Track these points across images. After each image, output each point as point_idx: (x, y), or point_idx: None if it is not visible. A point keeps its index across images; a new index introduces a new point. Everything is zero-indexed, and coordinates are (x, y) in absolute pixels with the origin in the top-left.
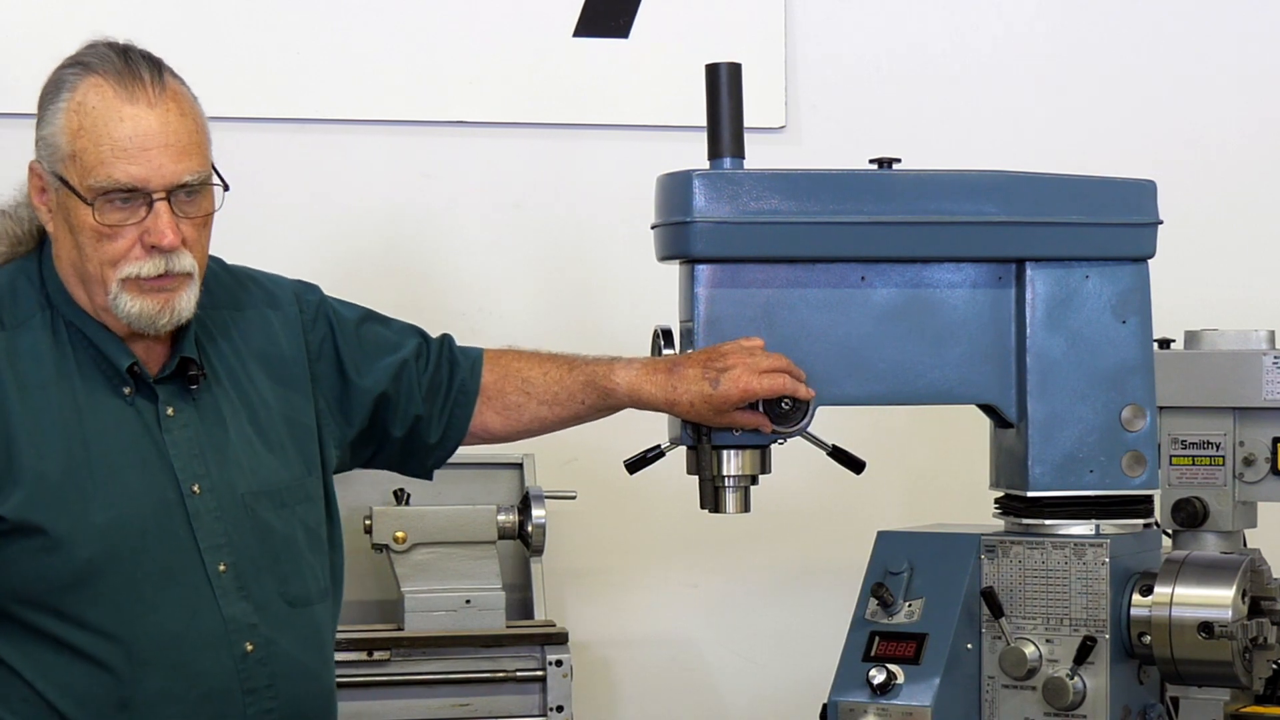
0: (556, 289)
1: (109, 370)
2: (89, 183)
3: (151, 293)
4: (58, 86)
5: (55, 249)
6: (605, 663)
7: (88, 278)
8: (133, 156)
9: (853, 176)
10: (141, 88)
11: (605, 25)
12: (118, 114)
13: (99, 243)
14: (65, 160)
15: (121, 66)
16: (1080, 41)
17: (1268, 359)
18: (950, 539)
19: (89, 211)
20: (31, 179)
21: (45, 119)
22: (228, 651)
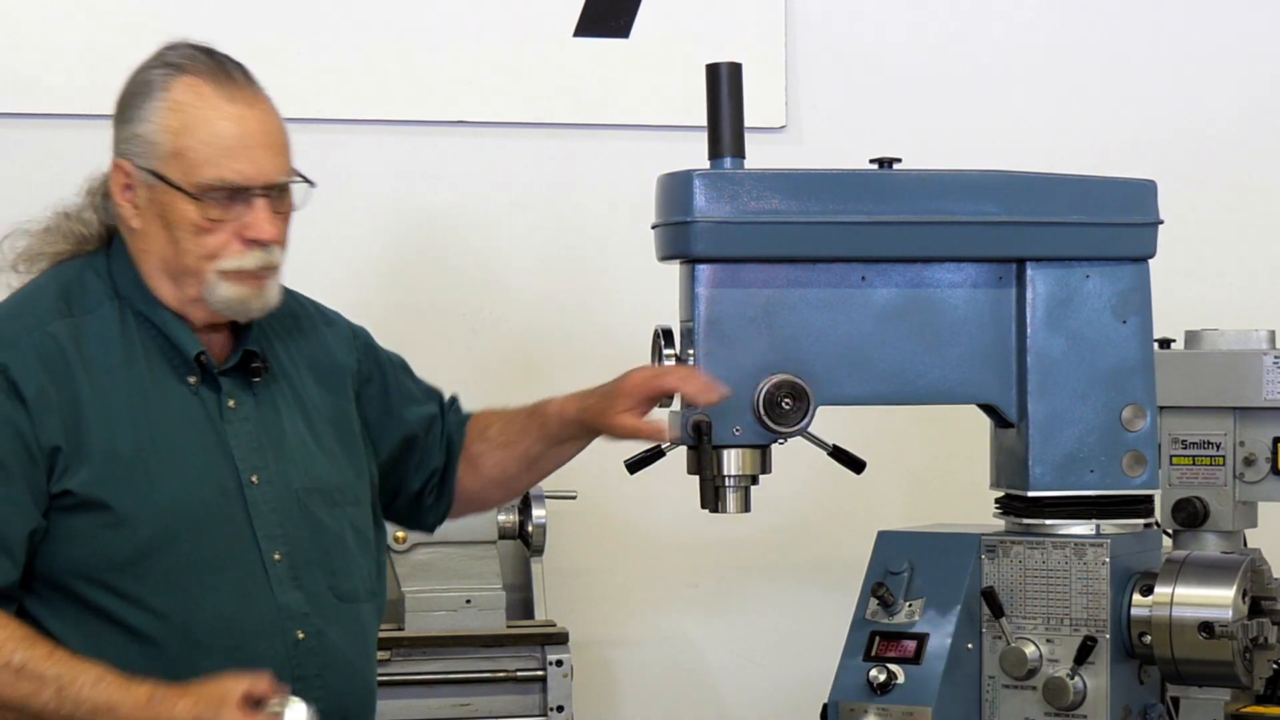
0: (556, 289)
1: (175, 360)
2: (196, 180)
3: (245, 281)
4: (148, 86)
5: (140, 243)
6: (605, 663)
7: (181, 270)
8: (238, 155)
9: (853, 176)
10: (237, 87)
11: (605, 25)
12: (221, 113)
13: (198, 237)
14: (166, 158)
15: (213, 66)
16: (1081, 41)
17: (1268, 359)
18: (950, 539)
19: (193, 207)
20: (115, 175)
21: (137, 118)
22: (280, 638)
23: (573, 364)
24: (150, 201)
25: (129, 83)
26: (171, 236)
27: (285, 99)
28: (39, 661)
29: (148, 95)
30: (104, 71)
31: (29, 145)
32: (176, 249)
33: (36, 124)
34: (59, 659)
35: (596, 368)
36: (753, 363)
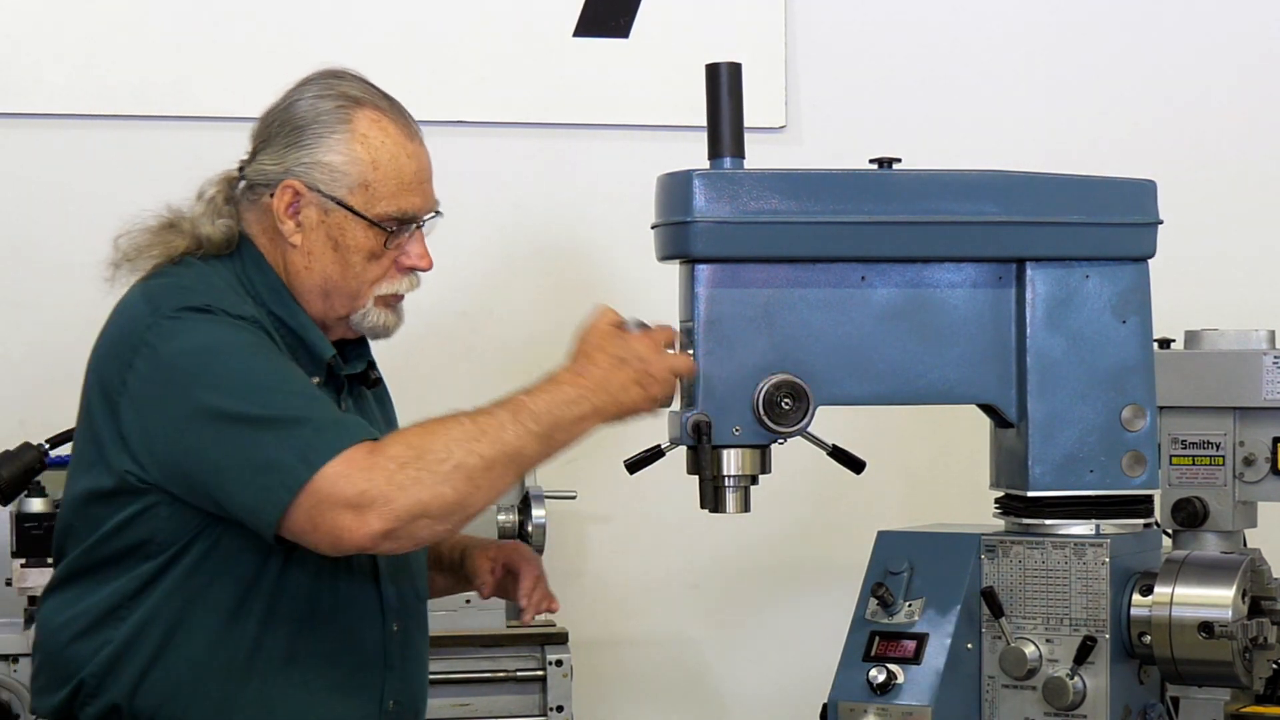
0: (556, 289)
1: (304, 360)
2: (380, 210)
3: (391, 307)
4: (328, 116)
5: (304, 262)
6: (605, 663)
7: (342, 291)
8: (414, 190)
9: (853, 176)
10: (410, 124)
11: (605, 25)
12: (406, 151)
13: (368, 263)
14: (354, 188)
15: (387, 103)
16: (1081, 41)
17: (1268, 359)
18: (950, 539)
19: (374, 235)
20: (283, 194)
21: (316, 144)
22: (381, 627)
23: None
24: (322, 224)
25: (293, 109)
26: (342, 259)
27: None
28: (475, 414)
29: (331, 126)
30: (104, 71)
31: (29, 145)
32: (345, 271)
33: (36, 124)
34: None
35: None
36: (752, 363)
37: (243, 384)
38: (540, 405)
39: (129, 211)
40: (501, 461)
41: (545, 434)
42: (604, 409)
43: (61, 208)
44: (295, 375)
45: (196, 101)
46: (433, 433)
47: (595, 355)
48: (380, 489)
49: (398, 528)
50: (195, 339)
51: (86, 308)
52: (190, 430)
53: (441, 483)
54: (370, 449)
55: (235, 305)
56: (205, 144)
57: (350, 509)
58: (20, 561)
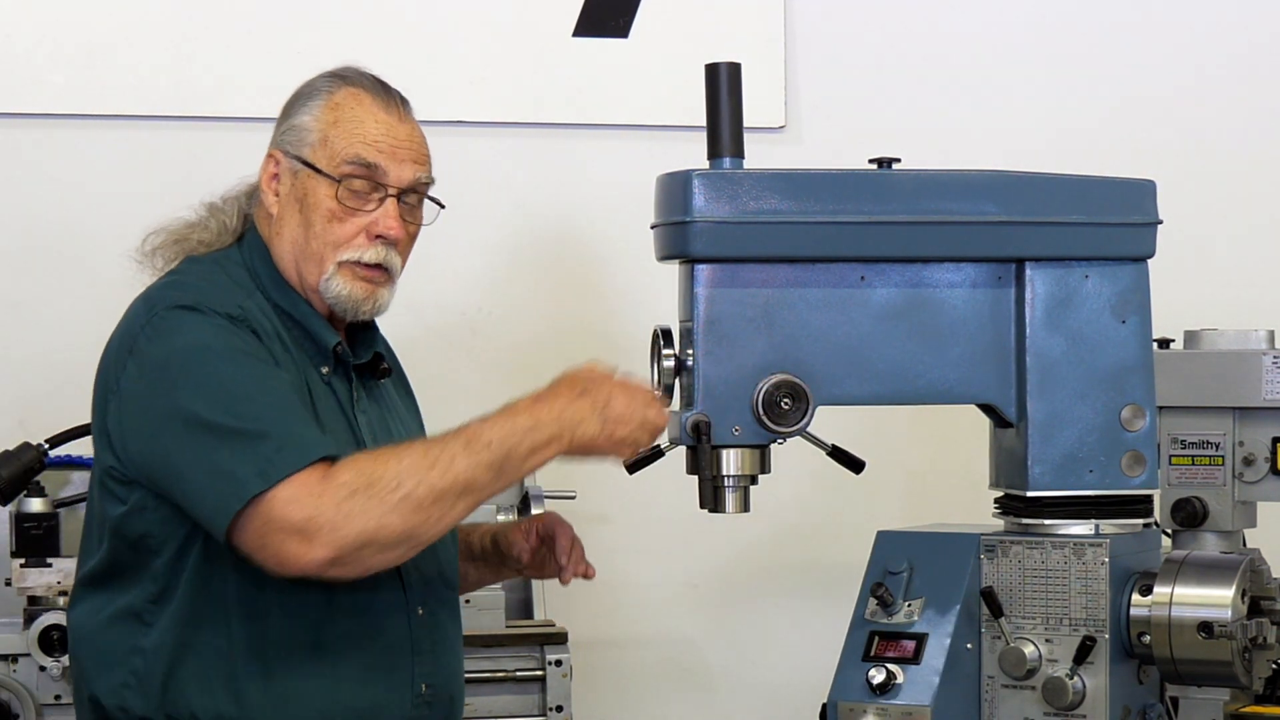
0: (556, 289)
1: (310, 350)
2: (336, 161)
3: (362, 280)
4: (312, 90)
5: (277, 229)
6: (605, 663)
7: (307, 255)
8: (380, 148)
9: (852, 176)
10: (395, 104)
11: (605, 25)
12: (373, 115)
13: (329, 223)
14: (314, 145)
15: (378, 85)
16: (1080, 42)
17: (1267, 359)
18: (950, 539)
19: (331, 190)
20: (266, 164)
21: (295, 113)
22: (404, 611)
23: (572, 364)
24: (293, 188)
25: (296, 91)
26: (305, 220)
27: (284, 99)
28: (428, 442)
29: (310, 97)
30: (104, 71)
31: (29, 145)
32: (308, 232)
33: (37, 124)
34: (439, 436)
35: None
36: (752, 363)
37: (216, 390)
38: (494, 434)
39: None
40: (452, 492)
41: (498, 464)
42: (560, 438)
43: (61, 208)
44: (270, 384)
45: (196, 101)
46: (385, 461)
47: (560, 388)
48: (327, 516)
49: (343, 555)
50: (179, 340)
51: (86, 308)
52: (163, 431)
53: (389, 512)
54: (323, 474)
55: (227, 301)
56: (205, 144)
57: (297, 535)
58: (20, 561)
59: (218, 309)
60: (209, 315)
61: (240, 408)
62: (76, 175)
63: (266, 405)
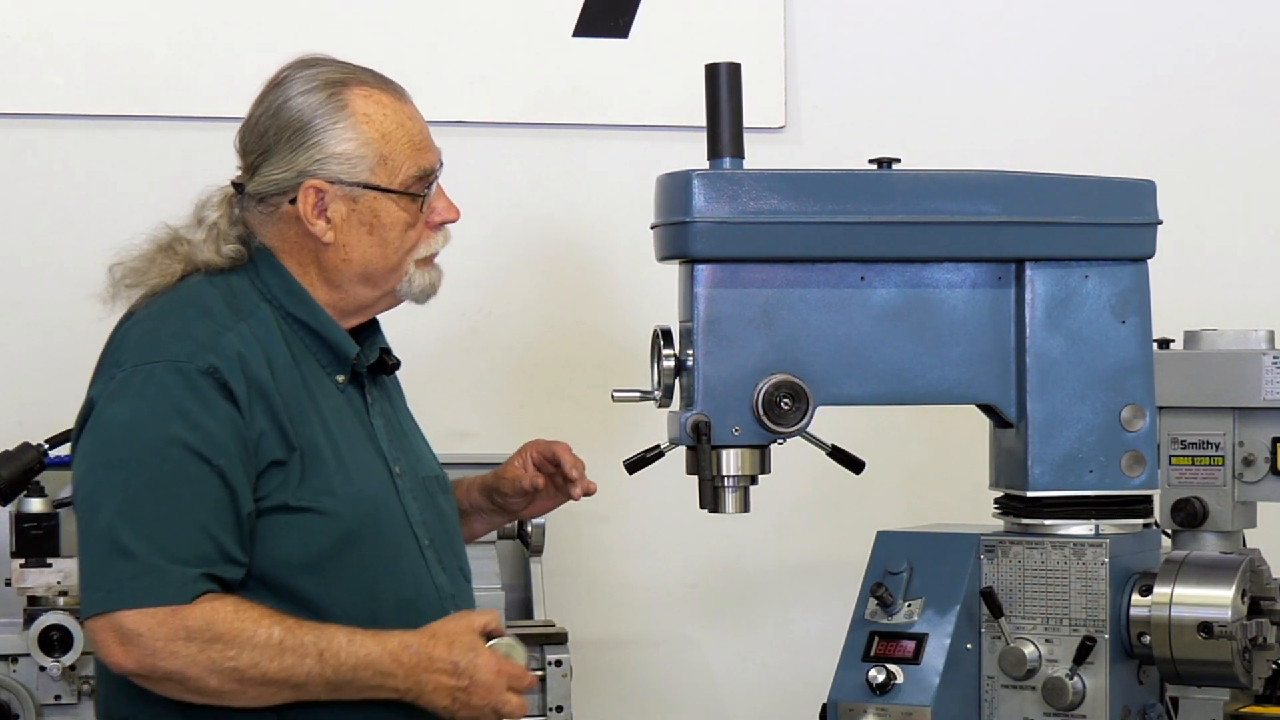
0: (556, 289)
1: (325, 360)
2: (401, 178)
3: (430, 266)
4: (326, 108)
5: (335, 256)
6: (605, 663)
7: (385, 270)
8: (426, 146)
9: (852, 176)
10: (398, 89)
11: (605, 25)
12: (404, 114)
13: (405, 233)
14: (374, 167)
15: (369, 75)
16: (1080, 41)
17: (1267, 359)
18: (950, 539)
19: (406, 205)
20: (306, 198)
21: (329, 140)
22: (440, 617)
23: (572, 364)
24: (353, 213)
25: (282, 112)
26: (379, 239)
27: None
28: (294, 631)
29: (330, 116)
30: (104, 71)
31: (29, 145)
32: (384, 250)
33: (37, 124)
34: (309, 627)
35: (596, 368)
36: (752, 363)
37: (125, 493)
38: (350, 659)
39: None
40: (280, 686)
41: (336, 684)
42: (404, 694)
43: (61, 208)
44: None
45: (196, 101)
46: (241, 627)
47: (439, 647)
48: (154, 644)
49: (147, 678)
50: (122, 412)
51: (86, 308)
52: (82, 490)
53: (212, 673)
54: (173, 610)
55: (204, 347)
56: (205, 144)
57: (119, 638)
58: (20, 561)
59: (185, 364)
60: (169, 375)
61: (134, 514)
62: (76, 175)
63: (157, 523)
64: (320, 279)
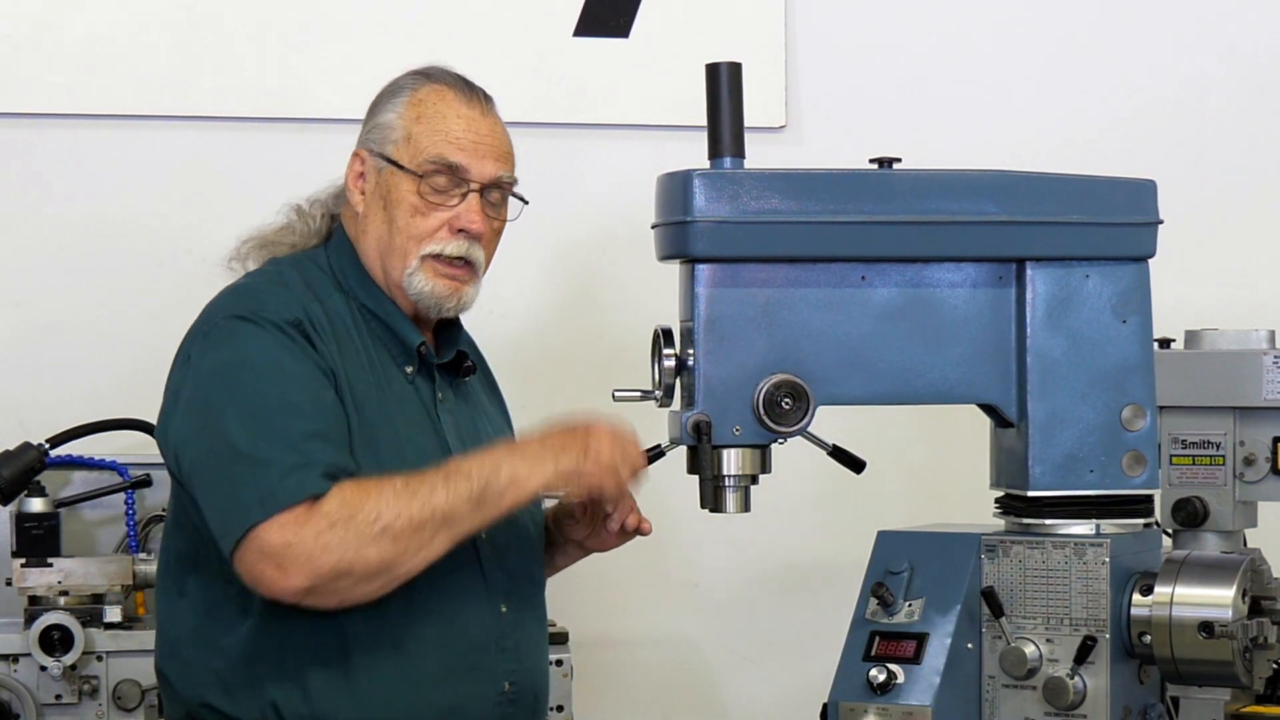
0: (556, 288)
1: (395, 350)
2: (419, 159)
3: (444, 276)
4: (397, 89)
5: (363, 227)
6: (605, 663)
7: (391, 250)
8: (463, 146)
9: (853, 176)
10: (478, 100)
11: (605, 25)
12: (455, 111)
13: (411, 217)
14: (398, 141)
15: (462, 82)
16: (1080, 41)
17: (1268, 359)
18: (950, 539)
19: (414, 185)
20: (353, 163)
21: (380, 111)
22: (488, 609)
23: (572, 364)
24: (377, 185)
25: (380, 91)
26: (389, 216)
27: (286, 99)
28: (410, 476)
29: (394, 95)
30: (104, 71)
31: (29, 145)
32: (391, 228)
33: (36, 124)
34: (422, 472)
35: (596, 368)
36: (753, 362)
37: (243, 413)
38: (474, 466)
39: (128, 211)
40: (431, 524)
41: (478, 495)
42: (538, 466)
43: (61, 208)
44: (297, 404)
45: (196, 101)
46: (367, 492)
47: (548, 427)
48: (305, 546)
49: (319, 585)
50: (225, 353)
51: (86, 308)
52: (196, 441)
53: (368, 545)
54: (310, 506)
55: (286, 308)
56: (205, 144)
57: (274, 562)
58: (20, 561)
59: (271, 317)
60: (260, 325)
61: (261, 431)
62: (77, 175)
63: (284, 428)
64: (361, 256)
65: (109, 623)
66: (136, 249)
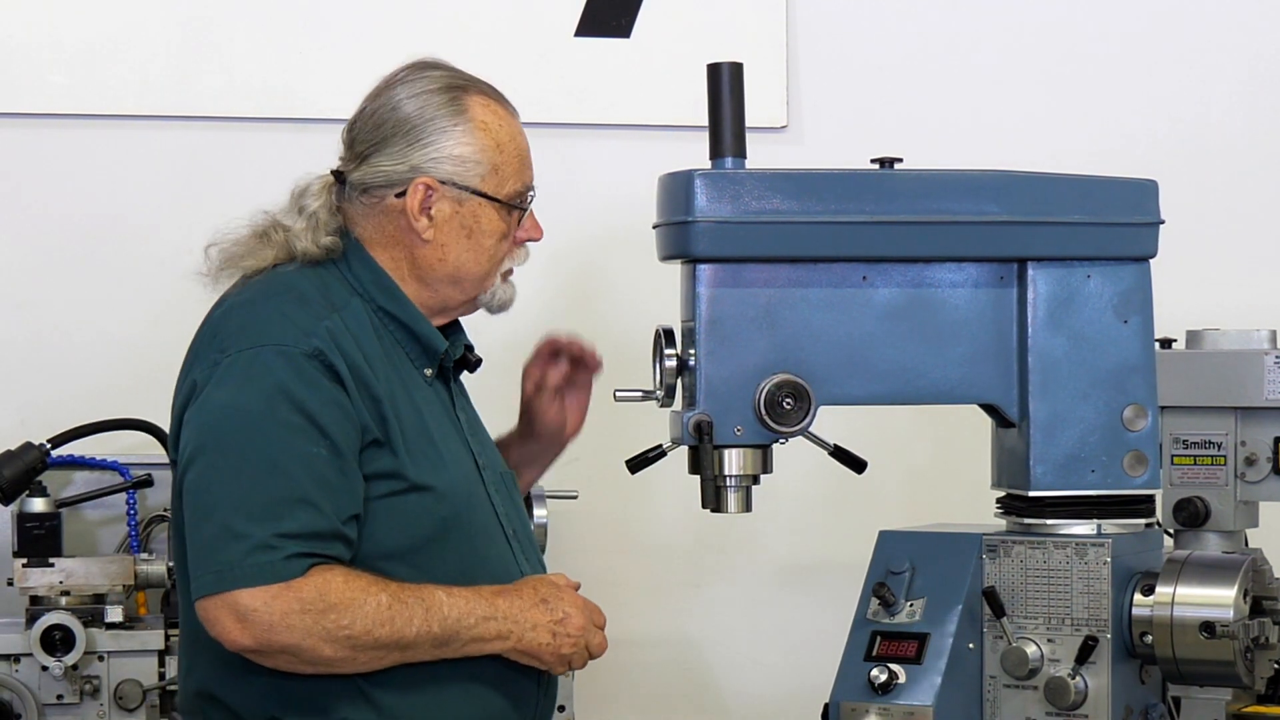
0: (557, 289)
1: (414, 353)
2: (508, 190)
3: (508, 281)
4: (447, 110)
5: (433, 254)
6: (605, 663)
7: (474, 276)
8: (529, 164)
9: (854, 176)
10: (508, 104)
11: (606, 25)
12: (516, 130)
13: (499, 243)
14: (486, 174)
15: (487, 86)
16: (1081, 41)
17: (1269, 358)
18: (952, 539)
19: (505, 216)
20: (416, 192)
21: (447, 140)
22: None
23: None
24: (455, 215)
25: (404, 106)
26: (476, 244)
27: (286, 99)
28: (399, 595)
29: (451, 118)
30: (104, 71)
31: (30, 145)
32: (478, 256)
33: (36, 124)
34: (411, 588)
35: None
36: (754, 363)
37: (234, 470)
38: (452, 612)
39: (129, 211)
40: (391, 649)
41: (443, 639)
42: (507, 637)
43: (61, 207)
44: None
45: (197, 101)
46: (351, 595)
47: (525, 590)
48: (271, 619)
49: (266, 652)
50: (229, 394)
51: (86, 307)
52: (188, 476)
53: (326, 643)
54: (286, 585)
55: (308, 329)
56: (206, 144)
57: (236, 617)
58: (22, 561)
59: (291, 348)
60: (276, 356)
61: (245, 496)
62: (77, 175)
63: (267, 502)
64: (412, 275)
65: (110, 623)
66: (137, 249)
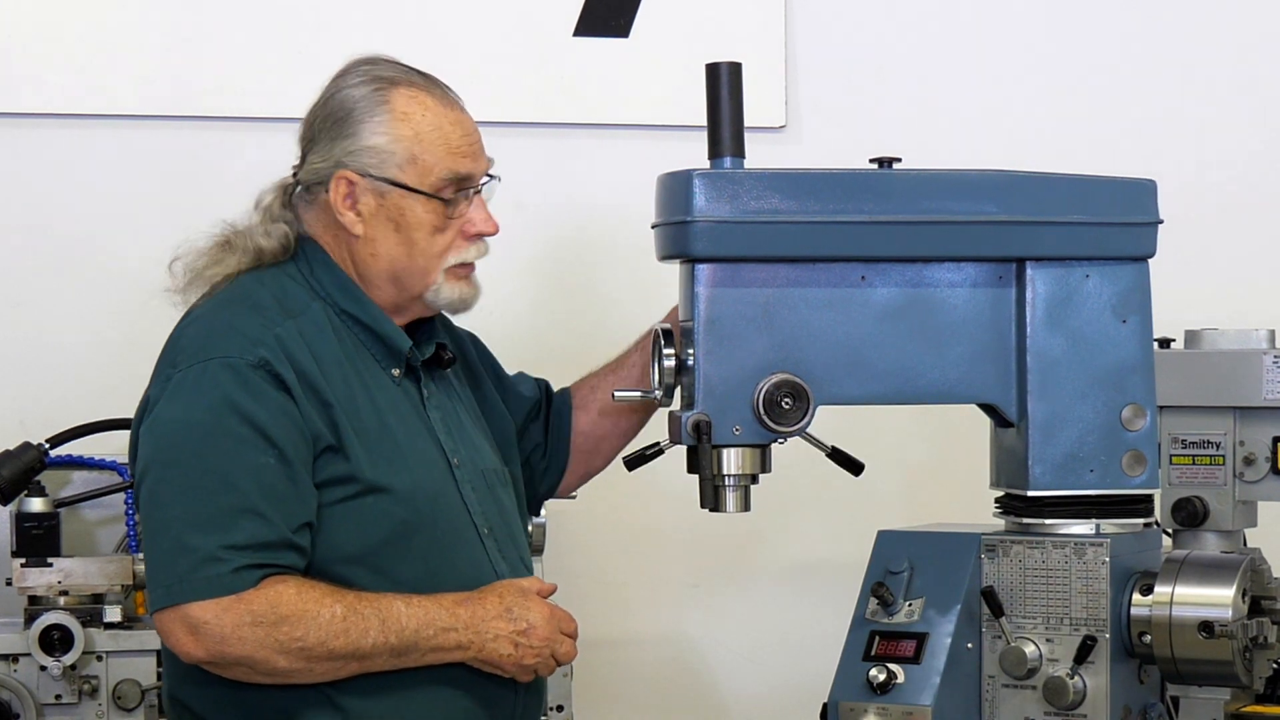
0: (556, 288)
1: (378, 353)
2: (433, 180)
3: (463, 279)
4: (365, 103)
5: (369, 250)
6: (605, 663)
7: (411, 271)
8: (464, 153)
9: (853, 176)
10: (447, 94)
11: (605, 25)
12: (447, 119)
13: (432, 237)
14: (403, 165)
15: (422, 79)
16: (1081, 41)
17: (1268, 358)
18: (950, 538)
19: (434, 208)
20: (338, 187)
21: (357, 130)
22: None
23: (573, 364)
24: (380, 208)
25: (331, 102)
26: (406, 239)
27: (286, 99)
28: (355, 606)
29: (369, 111)
30: (104, 71)
31: (29, 145)
32: (410, 250)
33: (37, 124)
34: (369, 598)
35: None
36: (752, 362)
37: (183, 484)
38: (410, 622)
39: (128, 211)
40: (348, 661)
41: (400, 650)
42: (468, 647)
43: (61, 208)
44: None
45: (196, 101)
46: (304, 607)
47: (490, 599)
48: (223, 631)
49: (219, 664)
50: (179, 409)
51: (86, 307)
52: (142, 489)
53: (280, 654)
54: (238, 597)
55: (255, 342)
56: (205, 144)
57: (188, 629)
58: (20, 561)
59: (236, 358)
60: (222, 369)
61: (195, 510)
62: (76, 175)
63: (217, 515)
64: (357, 273)
65: (109, 623)
66: (136, 249)
